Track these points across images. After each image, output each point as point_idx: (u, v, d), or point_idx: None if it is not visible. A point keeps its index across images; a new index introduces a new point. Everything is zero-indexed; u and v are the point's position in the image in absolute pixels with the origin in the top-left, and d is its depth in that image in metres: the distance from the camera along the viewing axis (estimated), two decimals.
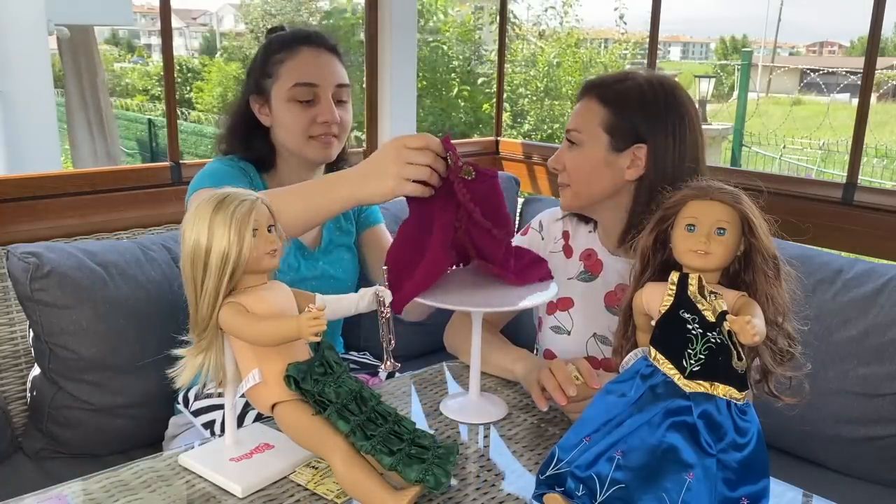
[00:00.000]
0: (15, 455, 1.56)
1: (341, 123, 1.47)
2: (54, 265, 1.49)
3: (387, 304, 1.04)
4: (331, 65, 1.48)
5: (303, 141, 1.46)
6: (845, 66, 15.61)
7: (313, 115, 1.44)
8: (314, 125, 1.44)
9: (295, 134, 1.45)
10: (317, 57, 1.47)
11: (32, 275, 1.47)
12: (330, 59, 1.48)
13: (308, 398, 0.87)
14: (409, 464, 0.84)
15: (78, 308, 1.51)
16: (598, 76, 1.38)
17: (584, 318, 1.38)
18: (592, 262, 1.40)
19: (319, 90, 1.44)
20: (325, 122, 1.44)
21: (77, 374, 1.53)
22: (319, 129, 1.45)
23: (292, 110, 1.44)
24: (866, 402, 1.57)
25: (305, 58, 1.46)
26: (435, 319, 2.02)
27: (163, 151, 10.34)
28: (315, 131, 1.45)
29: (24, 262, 1.48)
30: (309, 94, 1.44)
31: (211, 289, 0.88)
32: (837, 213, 1.83)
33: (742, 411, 0.80)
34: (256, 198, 0.91)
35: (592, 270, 1.40)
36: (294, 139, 1.46)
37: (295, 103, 1.44)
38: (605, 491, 0.78)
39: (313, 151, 1.47)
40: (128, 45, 28.49)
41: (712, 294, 0.82)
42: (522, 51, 10.92)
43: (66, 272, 1.50)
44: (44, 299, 1.49)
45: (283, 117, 1.46)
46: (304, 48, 1.46)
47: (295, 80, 1.44)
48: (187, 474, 0.96)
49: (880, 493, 1.55)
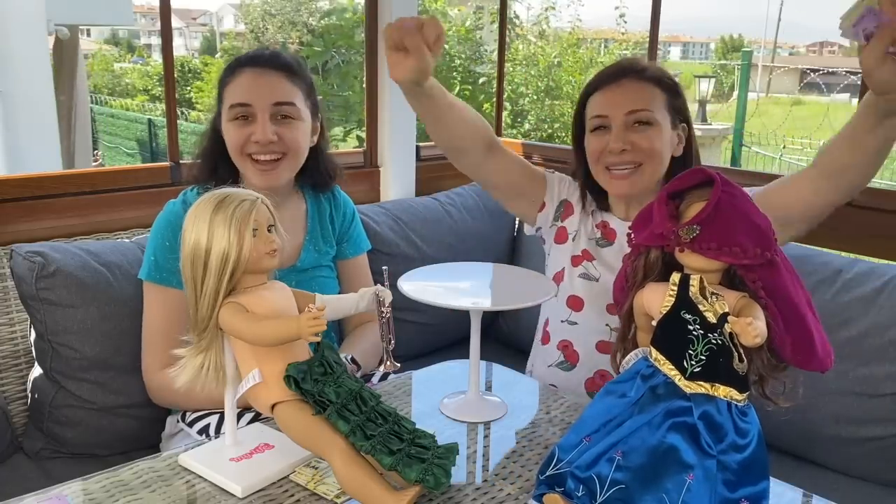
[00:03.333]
0: (15, 455, 1.56)
1: (283, 142, 1.45)
2: (60, 265, 1.50)
3: (387, 304, 1.04)
4: (270, 83, 1.46)
5: (243, 162, 1.46)
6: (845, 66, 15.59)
7: (248, 134, 1.44)
8: (248, 143, 1.44)
9: (236, 154, 1.47)
10: (255, 77, 1.47)
11: (38, 274, 1.48)
12: (271, 78, 1.47)
13: (308, 398, 0.87)
14: (409, 464, 0.84)
15: (83, 307, 1.52)
16: (628, 60, 1.47)
17: (607, 270, 1.46)
18: (608, 231, 1.50)
19: (254, 109, 1.44)
20: (257, 142, 1.43)
21: (80, 373, 1.53)
22: (253, 148, 1.44)
23: (231, 129, 1.46)
24: (866, 402, 1.57)
25: (243, 79, 1.47)
26: (434, 319, 2.03)
27: (163, 151, 10.34)
28: (250, 150, 1.45)
29: (30, 261, 1.49)
30: (243, 112, 1.45)
31: (211, 289, 0.88)
32: (837, 213, 1.82)
33: (742, 412, 0.80)
34: (257, 198, 0.91)
35: (608, 238, 1.50)
36: (237, 160, 1.47)
37: (233, 122, 1.46)
38: (605, 491, 0.78)
39: (253, 175, 1.46)
40: (128, 45, 28.48)
41: (713, 295, 0.82)
42: (522, 51, 10.92)
43: (71, 272, 1.51)
44: (49, 298, 1.49)
45: (227, 137, 1.47)
46: (245, 70, 1.48)
47: (231, 102, 1.46)
48: (187, 474, 0.96)
49: (880, 493, 1.55)
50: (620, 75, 1.41)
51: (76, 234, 1.74)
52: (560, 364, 1.49)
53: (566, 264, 1.52)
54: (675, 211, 0.87)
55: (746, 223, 0.82)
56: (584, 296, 1.48)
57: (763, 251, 0.81)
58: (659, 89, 1.40)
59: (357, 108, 8.01)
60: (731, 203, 0.82)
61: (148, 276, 1.45)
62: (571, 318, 1.48)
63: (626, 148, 1.37)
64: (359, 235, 1.71)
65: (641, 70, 1.42)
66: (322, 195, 1.65)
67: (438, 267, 1.27)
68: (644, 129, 1.37)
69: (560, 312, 1.51)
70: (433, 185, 2.42)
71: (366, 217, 2.02)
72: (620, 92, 1.40)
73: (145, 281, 1.46)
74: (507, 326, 2.24)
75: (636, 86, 1.40)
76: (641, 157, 1.38)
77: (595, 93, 1.44)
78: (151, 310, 1.46)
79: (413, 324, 1.98)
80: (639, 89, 1.39)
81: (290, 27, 17.74)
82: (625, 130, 1.37)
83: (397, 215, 2.14)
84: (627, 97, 1.38)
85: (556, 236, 1.55)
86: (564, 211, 1.55)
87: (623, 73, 1.42)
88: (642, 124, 1.37)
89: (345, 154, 2.51)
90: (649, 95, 1.39)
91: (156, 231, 1.47)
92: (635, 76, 1.41)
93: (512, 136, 9.18)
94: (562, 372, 1.48)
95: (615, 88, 1.41)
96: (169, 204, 1.50)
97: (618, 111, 1.38)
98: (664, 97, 1.40)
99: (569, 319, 1.49)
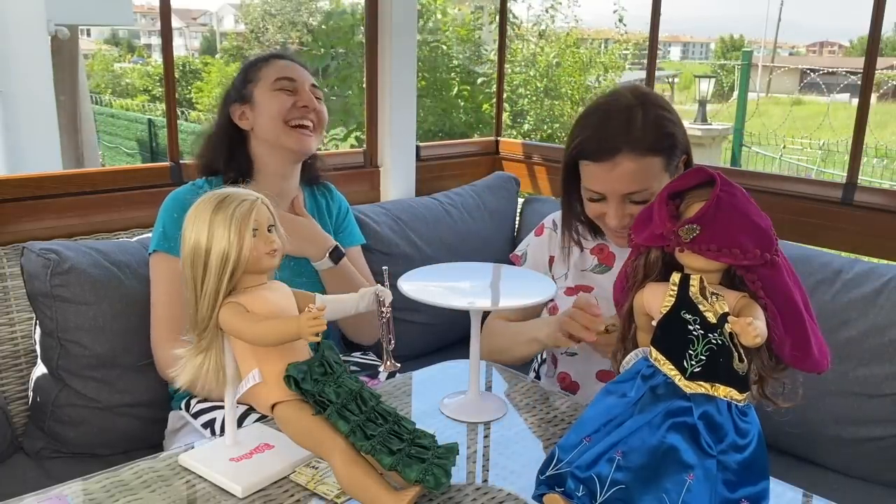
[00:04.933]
0: (15, 455, 1.56)
1: (318, 114, 1.60)
2: (74, 262, 1.53)
3: (387, 304, 1.04)
4: (304, 70, 1.64)
5: (282, 129, 1.55)
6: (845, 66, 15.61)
7: (293, 101, 1.56)
8: (293, 109, 1.56)
9: (276, 120, 1.55)
10: (290, 64, 1.63)
11: (53, 270, 1.50)
12: (302, 68, 1.64)
13: (308, 398, 0.87)
14: (409, 464, 0.84)
15: (95, 305, 1.53)
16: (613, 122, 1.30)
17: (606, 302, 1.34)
18: (605, 255, 1.46)
19: (298, 84, 1.59)
20: (304, 107, 1.56)
21: (87, 371, 1.54)
22: (297, 114, 1.56)
23: (276, 98, 1.56)
24: (866, 402, 1.57)
25: (281, 63, 1.62)
26: (435, 319, 2.03)
27: (163, 151, 10.34)
28: (293, 115, 1.56)
29: (45, 258, 1.51)
30: (290, 85, 1.58)
31: (211, 289, 0.88)
32: (837, 213, 1.83)
33: (743, 413, 0.80)
34: (257, 198, 0.91)
35: (606, 262, 1.46)
36: (275, 127, 1.55)
37: (279, 92, 1.56)
38: (605, 491, 0.78)
39: (291, 140, 1.56)
40: (128, 45, 28.49)
41: (714, 295, 0.82)
42: (522, 51, 10.92)
43: (85, 269, 1.53)
44: (62, 295, 1.51)
45: (269, 105, 1.56)
46: (278, 60, 1.63)
47: (276, 76, 1.58)
48: (187, 474, 0.96)
49: (880, 494, 1.55)
50: (615, 152, 1.28)
51: (76, 234, 1.74)
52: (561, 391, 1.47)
53: (559, 300, 1.47)
54: (675, 211, 0.87)
55: (747, 223, 0.82)
56: None
57: (763, 252, 0.81)
58: (657, 158, 1.29)
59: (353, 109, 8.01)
60: (732, 203, 0.82)
61: (157, 246, 1.48)
62: (570, 350, 1.43)
63: (625, 224, 1.31)
64: (353, 227, 1.78)
65: (636, 141, 1.27)
66: (317, 189, 1.73)
67: (438, 267, 1.27)
68: (642, 203, 1.29)
69: None
70: (433, 185, 2.42)
71: (366, 217, 2.02)
72: (616, 174, 1.28)
73: (154, 253, 1.49)
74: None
75: (632, 167, 1.27)
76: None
77: (586, 161, 1.32)
78: (160, 280, 1.49)
79: (413, 324, 1.98)
80: (634, 172, 1.28)
81: (290, 27, 17.74)
82: (623, 205, 1.31)
83: (397, 215, 2.14)
84: (624, 181, 1.28)
85: None
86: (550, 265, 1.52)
87: (615, 149, 1.28)
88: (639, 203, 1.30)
89: (345, 154, 2.51)
90: (647, 172, 1.28)
91: (163, 209, 1.52)
92: (630, 152, 1.27)
93: (512, 136, 9.17)
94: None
95: (610, 168, 1.28)
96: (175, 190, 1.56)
97: (614, 192, 1.30)
98: (662, 163, 1.30)
99: (568, 350, 1.44)
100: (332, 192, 1.76)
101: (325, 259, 1.56)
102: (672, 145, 1.31)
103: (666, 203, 0.87)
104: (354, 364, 1.64)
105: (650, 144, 1.28)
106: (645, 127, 1.29)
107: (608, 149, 1.28)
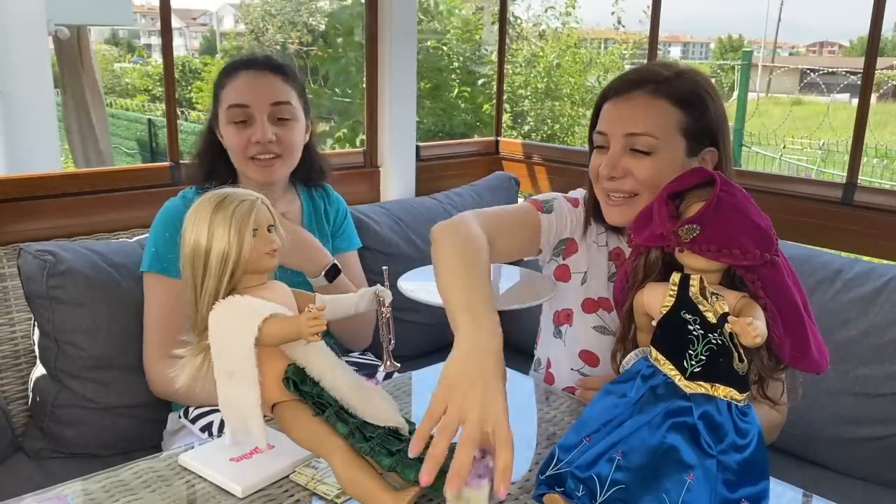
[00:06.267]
0: (15, 455, 1.56)
1: (280, 142, 1.49)
2: (70, 263, 1.52)
3: (387, 304, 1.04)
4: (266, 85, 1.50)
5: (243, 162, 1.49)
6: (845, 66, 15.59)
7: (248, 136, 1.47)
8: (250, 145, 1.47)
9: (237, 156, 1.50)
10: (252, 79, 1.50)
11: (49, 272, 1.50)
12: (267, 80, 1.51)
13: (307, 400, 0.87)
14: (408, 464, 0.84)
15: (92, 306, 1.53)
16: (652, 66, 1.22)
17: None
18: (621, 262, 1.30)
19: (252, 111, 1.47)
20: (257, 143, 1.47)
21: (84, 372, 1.54)
22: (255, 150, 1.47)
23: (230, 132, 1.49)
24: (866, 402, 1.57)
25: (240, 81, 1.50)
26: (435, 319, 2.02)
27: (163, 151, 10.34)
28: (252, 152, 1.48)
29: (41, 259, 1.50)
30: (242, 115, 1.48)
31: (211, 289, 0.88)
32: (837, 213, 1.83)
33: (743, 412, 0.80)
34: (257, 198, 0.91)
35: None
36: (237, 161, 1.51)
37: (232, 125, 1.48)
38: (605, 491, 0.78)
39: (253, 172, 1.50)
40: (128, 45, 28.48)
41: (714, 295, 0.82)
42: (522, 51, 10.92)
43: (81, 270, 1.53)
44: (58, 297, 1.51)
45: (226, 139, 1.51)
46: (241, 72, 1.51)
47: (229, 103, 1.49)
48: (187, 474, 0.96)
49: (880, 493, 1.55)
50: (633, 86, 1.17)
51: (76, 234, 1.74)
52: None
53: (575, 306, 1.32)
54: (675, 211, 0.87)
55: (747, 223, 0.82)
56: (599, 352, 1.29)
57: (763, 252, 0.81)
58: (676, 108, 1.15)
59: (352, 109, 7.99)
60: (732, 202, 0.82)
61: (149, 267, 1.47)
62: (584, 371, 1.32)
63: (614, 175, 1.16)
64: (351, 231, 1.75)
65: (661, 81, 1.16)
66: (315, 192, 1.69)
67: None
68: (641, 157, 1.15)
69: (570, 360, 1.34)
70: (433, 185, 2.42)
71: (366, 217, 2.02)
72: (626, 108, 1.16)
73: (146, 273, 1.48)
74: (507, 327, 2.23)
75: (645, 103, 1.15)
76: (638, 186, 1.16)
77: (606, 101, 1.21)
78: (153, 300, 1.47)
79: (413, 324, 1.98)
80: (646, 108, 1.15)
81: (289, 27, 17.73)
82: (621, 154, 1.16)
83: (397, 215, 2.14)
84: (631, 117, 1.15)
85: (557, 273, 1.34)
86: (567, 248, 1.33)
87: (636, 84, 1.17)
88: (640, 151, 1.15)
89: (345, 154, 2.52)
90: (658, 117, 1.14)
91: (155, 226, 1.49)
92: (650, 89, 1.16)
93: (512, 136, 9.18)
94: None
95: (622, 103, 1.17)
96: (168, 202, 1.53)
97: (616, 130, 1.17)
98: (681, 118, 1.15)
99: (580, 370, 1.32)
100: (331, 195, 1.72)
101: (321, 277, 1.52)
102: (700, 112, 1.16)
103: (666, 203, 0.87)
104: (354, 364, 1.64)
105: (673, 92, 1.15)
106: (676, 78, 1.17)
107: (629, 84, 1.18)
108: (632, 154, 1.15)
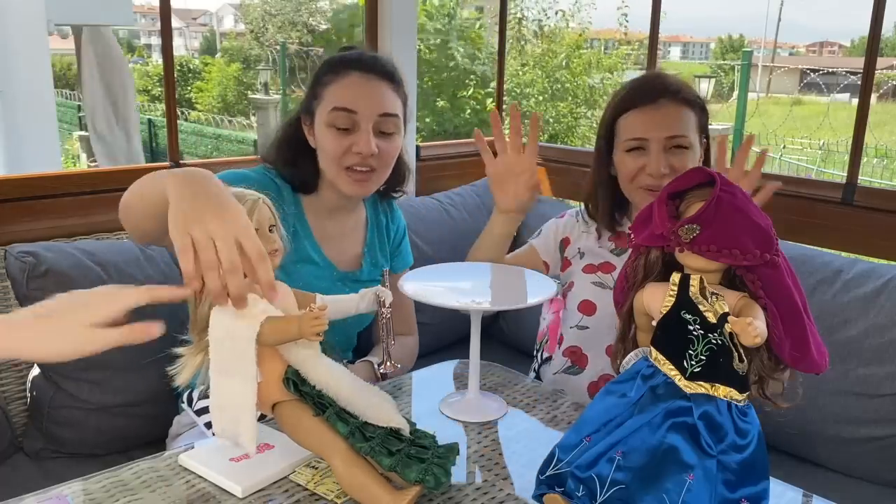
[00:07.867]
0: (15, 455, 1.56)
1: (380, 156, 1.40)
2: (51, 264, 1.50)
3: (387, 305, 1.04)
4: (377, 92, 1.41)
5: (337, 171, 1.40)
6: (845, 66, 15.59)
7: (349, 144, 1.38)
8: (349, 154, 1.38)
9: (330, 162, 1.40)
10: (363, 83, 1.40)
11: (29, 274, 1.48)
12: (378, 86, 1.41)
13: (307, 400, 0.87)
14: (408, 464, 0.84)
15: None
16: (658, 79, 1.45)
17: None
18: (622, 241, 1.50)
19: (359, 118, 1.38)
20: (359, 154, 1.37)
21: (77, 373, 1.53)
22: (353, 160, 1.38)
23: (329, 136, 1.39)
24: (866, 402, 1.56)
25: (350, 82, 1.40)
26: (434, 319, 2.02)
27: (163, 151, 10.34)
28: (349, 161, 1.39)
29: (22, 261, 1.49)
30: (347, 120, 1.38)
31: None
32: (837, 213, 1.83)
33: (743, 413, 0.80)
34: (258, 198, 0.91)
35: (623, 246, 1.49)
36: (329, 167, 1.41)
37: (333, 129, 1.38)
38: (605, 491, 0.78)
39: (345, 185, 1.41)
40: (128, 45, 28.47)
41: (714, 295, 0.82)
42: (528, 51, 10.93)
43: (63, 271, 1.51)
44: (40, 298, 1.48)
45: (322, 142, 1.41)
46: (352, 72, 1.40)
47: (334, 105, 1.38)
48: (187, 474, 0.96)
49: (880, 493, 1.55)
50: (657, 96, 1.38)
51: (76, 235, 1.73)
52: (567, 369, 1.48)
53: (575, 276, 1.52)
54: (675, 211, 0.87)
55: (747, 223, 0.82)
56: (596, 300, 1.46)
57: (763, 252, 0.80)
58: (692, 111, 1.40)
59: None
60: (732, 202, 0.82)
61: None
62: (582, 323, 1.47)
63: (666, 172, 1.35)
64: (407, 251, 1.67)
65: (676, 91, 1.39)
66: (380, 204, 1.61)
67: (439, 267, 1.27)
68: (681, 153, 1.37)
69: (570, 318, 1.49)
70: (433, 185, 2.41)
71: None
72: (660, 115, 1.37)
73: None
74: (507, 327, 2.24)
75: (674, 109, 1.38)
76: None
77: (628, 112, 1.41)
78: None
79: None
80: (676, 113, 1.38)
81: (289, 27, 17.74)
82: (663, 152, 1.36)
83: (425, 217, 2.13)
84: (667, 121, 1.37)
85: (563, 265, 1.56)
86: (563, 245, 1.56)
87: (660, 94, 1.38)
88: (680, 148, 1.37)
89: None
90: (686, 119, 1.38)
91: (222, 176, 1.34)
92: (672, 98, 1.38)
93: None
94: (569, 377, 1.47)
95: (653, 111, 1.38)
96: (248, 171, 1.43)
97: (657, 134, 1.36)
98: (696, 118, 1.40)
99: (579, 324, 1.47)
100: (395, 212, 1.63)
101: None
102: (702, 109, 1.43)
103: (666, 203, 0.87)
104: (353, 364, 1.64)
105: (686, 96, 1.40)
106: (679, 83, 1.43)
107: (650, 93, 1.39)
108: (671, 151, 1.37)
